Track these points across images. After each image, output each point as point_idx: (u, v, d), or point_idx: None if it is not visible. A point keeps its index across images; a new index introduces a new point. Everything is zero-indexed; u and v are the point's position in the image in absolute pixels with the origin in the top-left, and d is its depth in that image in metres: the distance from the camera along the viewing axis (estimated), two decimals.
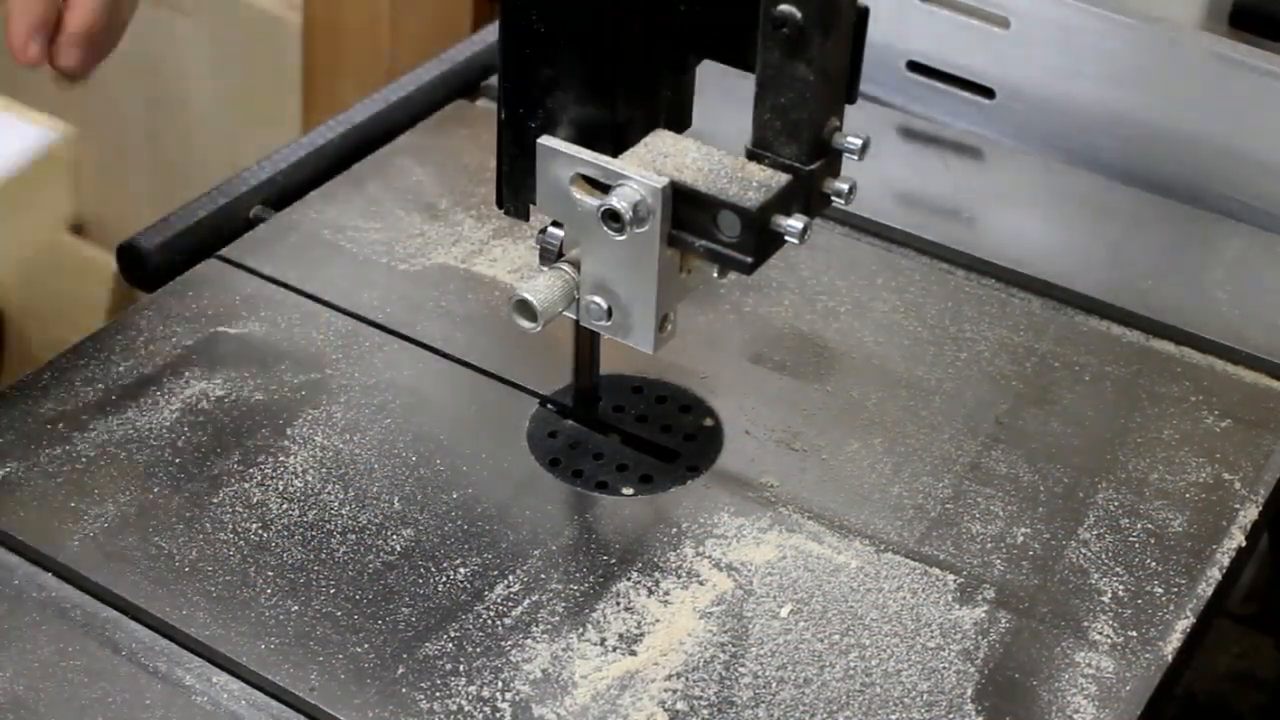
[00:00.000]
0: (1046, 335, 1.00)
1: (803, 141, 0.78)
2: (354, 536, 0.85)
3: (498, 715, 0.77)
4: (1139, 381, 0.97)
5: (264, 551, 0.84)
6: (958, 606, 0.83)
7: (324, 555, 0.84)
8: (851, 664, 0.80)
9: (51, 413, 0.90)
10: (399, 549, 0.84)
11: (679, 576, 0.84)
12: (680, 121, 0.85)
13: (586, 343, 0.90)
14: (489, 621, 0.81)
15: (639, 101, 0.81)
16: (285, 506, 0.86)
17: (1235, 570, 0.87)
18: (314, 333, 0.97)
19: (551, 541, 0.85)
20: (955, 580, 0.84)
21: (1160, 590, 0.84)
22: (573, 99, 0.81)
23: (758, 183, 0.78)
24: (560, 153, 0.79)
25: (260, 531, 0.85)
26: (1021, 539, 0.87)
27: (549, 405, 0.93)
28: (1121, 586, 0.85)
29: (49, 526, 0.83)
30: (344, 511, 0.86)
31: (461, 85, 1.18)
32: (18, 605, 0.81)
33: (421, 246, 1.03)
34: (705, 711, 0.78)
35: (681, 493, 0.89)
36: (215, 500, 0.86)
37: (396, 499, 0.87)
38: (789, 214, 0.78)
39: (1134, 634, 0.82)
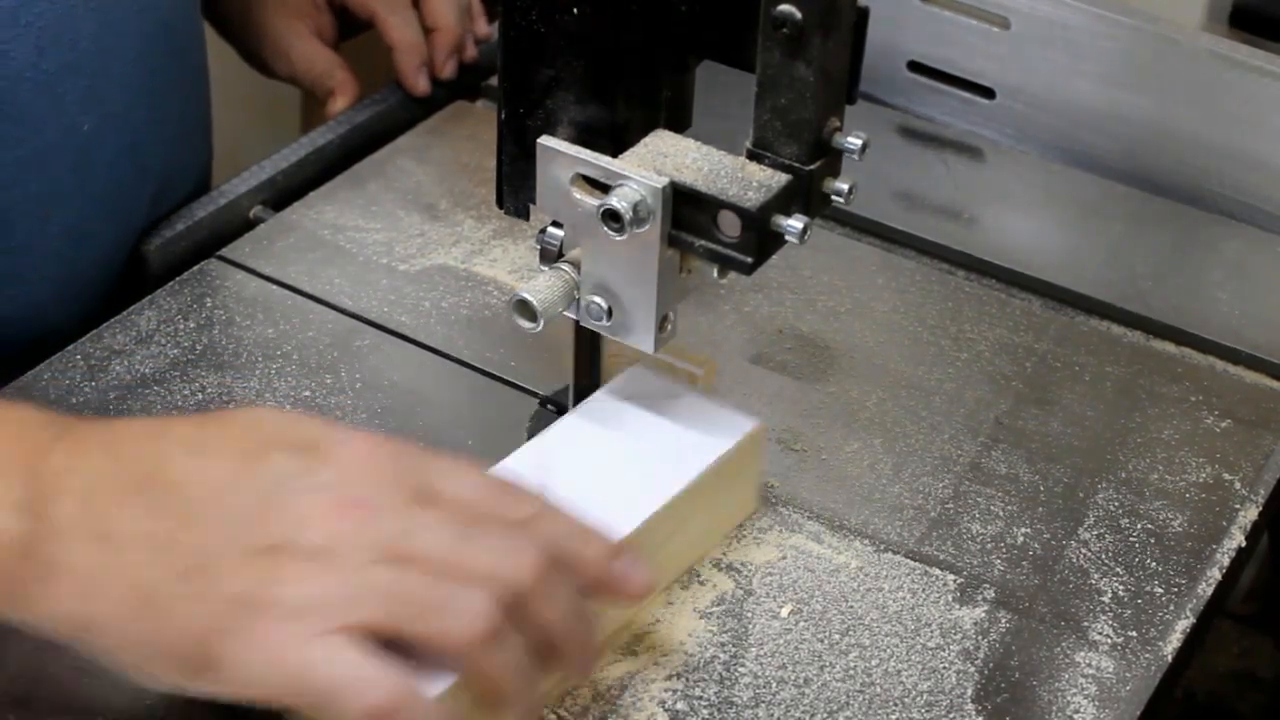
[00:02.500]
0: (1046, 335, 1.00)
1: (803, 142, 0.78)
2: None
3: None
4: (1139, 381, 0.97)
5: None
6: (958, 606, 0.83)
7: None
8: (851, 664, 0.80)
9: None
10: None
11: (679, 577, 0.84)
12: (680, 121, 0.85)
13: (586, 343, 0.90)
14: None
15: (639, 101, 0.81)
16: None
17: (1235, 570, 0.87)
18: (314, 333, 0.97)
19: None
20: (955, 580, 0.84)
21: (1160, 590, 0.84)
22: (573, 99, 0.81)
23: (758, 183, 0.78)
24: (560, 153, 0.79)
25: None
26: (1021, 539, 0.87)
27: (549, 405, 0.93)
28: (1121, 586, 0.85)
29: None
30: None
31: (461, 85, 1.18)
32: None
33: (421, 246, 1.03)
34: (705, 711, 0.78)
35: None
36: None
37: None
38: (789, 214, 0.78)
39: (1134, 634, 0.82)
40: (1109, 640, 0.82)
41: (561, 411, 0.92)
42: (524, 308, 0.81)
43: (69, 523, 0.69)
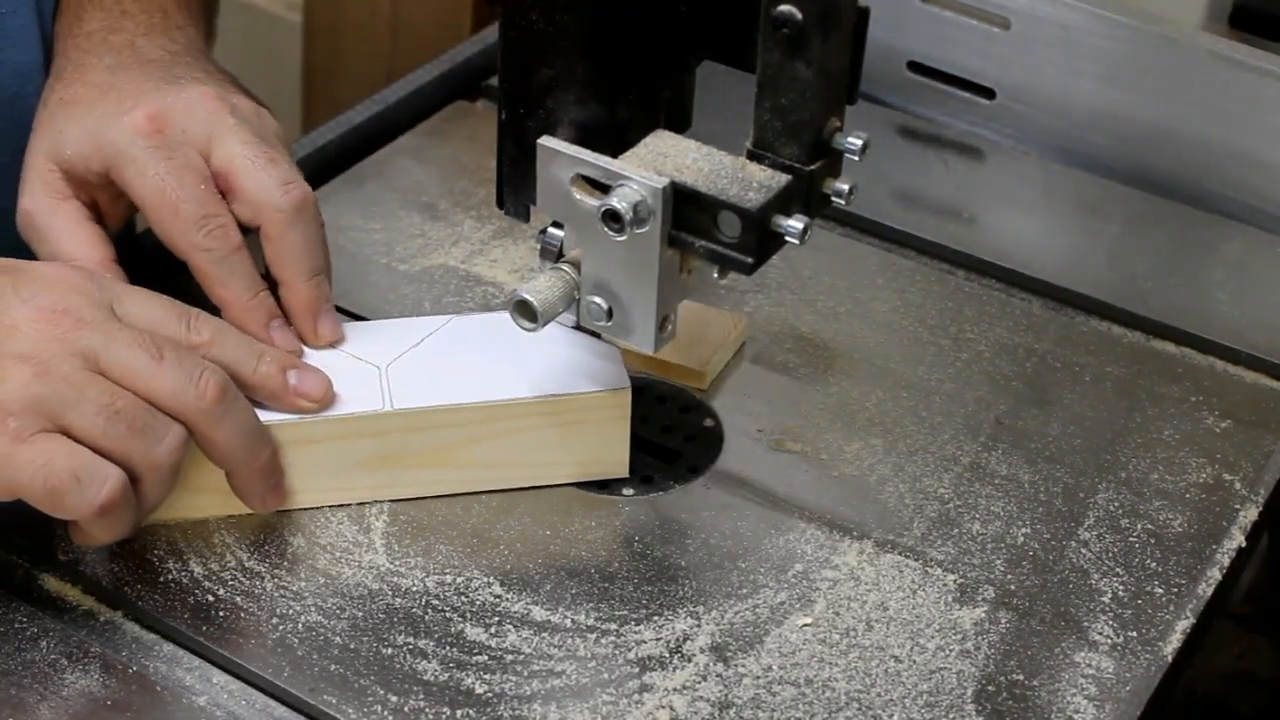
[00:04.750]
0: (1046, 335, 1.00)
1: (803, 142, 0.78)
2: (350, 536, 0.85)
3: (496, 716, 0.77)
4: (1139, 382, 0.97)
5: None
6: (958, 606, 0.83)
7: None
8: (851, 664, 0.80)
9: None
10: (397, 550, 0.84)
11: (678, 577, 0.84)
12: (680, 121, 0.85)
13: None
14: (488, 622, 0.81)
15: (639, 101, 0.81)
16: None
17: (1235, 570, 0.87)
18: None
19: (551, 542, 0.85)
20: (955, 580, 0.84)
21: (1160, 590, 0.84)
22: (573, 99, 0.81)
23: (758, 183, 0.78)
24: (560, 153, 0.79)
25: None
26: (1021, 539, 0.87)
27: None
28: (1121, 586, 0.85)
29: (49, 527, 0.83)
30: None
31: (461, 85, 1.18)
32: (17, 606, 0.81)
33: (421, 246, 1.03)
34: (705, 711, 0.78)
35: (681, 493, 0.89)
36: None
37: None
38: (789, 214, 0.78)
39: (1134, 634, 0.82)
40: (1109, 640, 0.82)
41: None
42: (524, 308, 0.81)
43: None
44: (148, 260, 1.01)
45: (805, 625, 0.82)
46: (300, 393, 0.83)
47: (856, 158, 0.80)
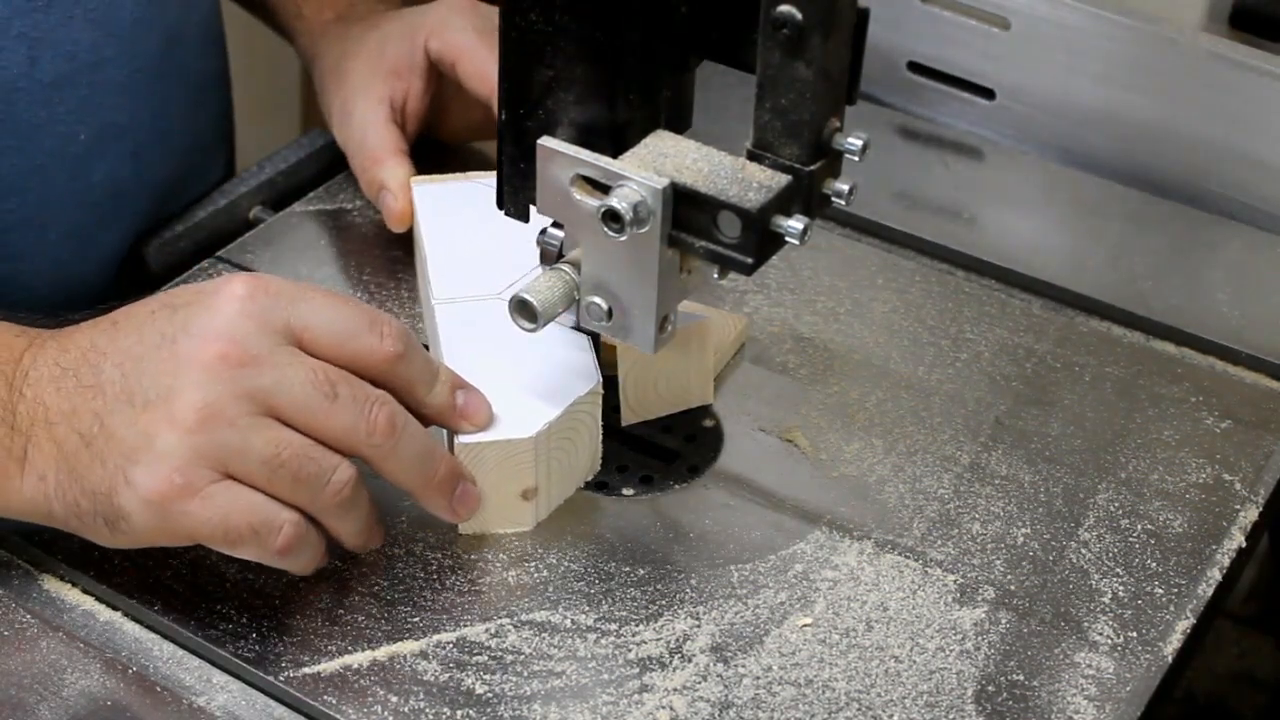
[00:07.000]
0: (1046, 336, 1.00)
1: (803, 142, 0.78)
2: None
3: (496, 716, 0.77)
4: (1139, 382, 0.97)
5: None
6: (958, 606, 0.83)
7: None
8: (851, 664, 0.80)
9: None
10: (399, 551, 0.84)
11: (678, 577, 0.84)
12: (680, 121, 0.85)
13: None
14: (489, 622, 0.81)
15: (639, 102, 0.81)
16: None
17: (1235, 571, 0.87)
18: None
19: (551, 542, 0.85)
20: (955, 580, 0.84)
21: (1160, 590, 0.85)
22: (573, 99, 0.81)
23: (758, 183, 0.78)
24: (560, 153, 0.79)
25: None
26: (1021, 539, 0.87)
27: None
28: (1121, 587, 0.85)
29: (49, 527, 0.83)
30: None
31: None
32: (17, 606, 0.81)
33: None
34: (705, 711, 0.78)
35: (681, 493, 0.89)
36: None
37: (396, 498, 0.87)
38: (789, 215, 0.78)
39: (1134, 634, 0.82)
40: (1109, 641, 0.82)
41: None
42: (524, 308, 0.81)
43: (27, 420, 0.76)
44: (154, 272, 1.02)
45: (805, 625, 0.82)
46: (465, 415, 0.82)
47: (856, 158, 0.80)
